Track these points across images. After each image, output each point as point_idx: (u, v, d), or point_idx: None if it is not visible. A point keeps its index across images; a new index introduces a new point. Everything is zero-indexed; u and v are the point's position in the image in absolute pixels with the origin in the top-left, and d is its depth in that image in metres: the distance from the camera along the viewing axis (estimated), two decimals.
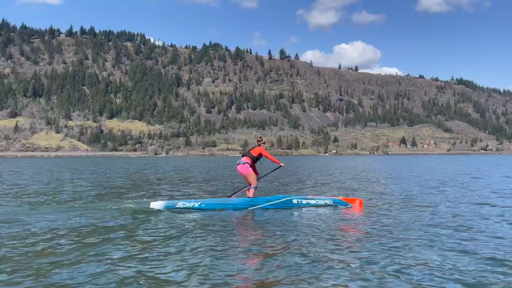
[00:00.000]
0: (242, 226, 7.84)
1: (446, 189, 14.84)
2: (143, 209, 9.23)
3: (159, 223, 7.78)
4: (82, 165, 47.17)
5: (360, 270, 4.85)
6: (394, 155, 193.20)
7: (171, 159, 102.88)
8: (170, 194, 13.29)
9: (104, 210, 9.18)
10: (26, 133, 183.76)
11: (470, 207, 10.06)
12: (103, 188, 15.34)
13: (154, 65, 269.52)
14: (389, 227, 7.48)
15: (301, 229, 7.20)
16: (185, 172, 29.13)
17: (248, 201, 9.63)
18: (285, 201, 9.75)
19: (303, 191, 13.88)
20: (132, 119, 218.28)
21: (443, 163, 49.46)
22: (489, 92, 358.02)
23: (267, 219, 8.33)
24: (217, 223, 7.83)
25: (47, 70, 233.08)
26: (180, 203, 9.43)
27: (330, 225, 7.62)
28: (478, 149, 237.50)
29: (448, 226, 7.51)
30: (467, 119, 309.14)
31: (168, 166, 43.05)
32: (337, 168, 32.46)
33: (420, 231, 7.09)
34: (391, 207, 10.11)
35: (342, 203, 9.90)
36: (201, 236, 6.54)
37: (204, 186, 16.25)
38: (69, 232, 6.89)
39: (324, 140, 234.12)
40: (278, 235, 6.71)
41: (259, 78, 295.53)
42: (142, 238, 6.47)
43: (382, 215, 8.82)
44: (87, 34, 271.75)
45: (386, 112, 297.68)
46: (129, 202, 10.68)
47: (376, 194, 13.23)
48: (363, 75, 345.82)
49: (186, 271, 4.78)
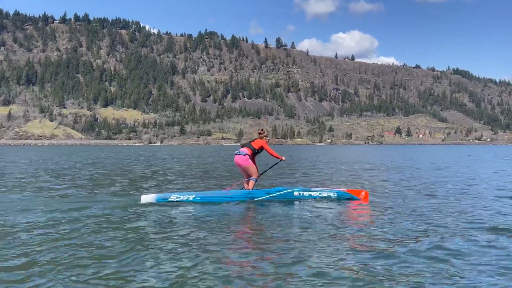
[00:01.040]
0: (240, 220, 7.37)
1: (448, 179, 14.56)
2: (134, 203, 8.67)
3: (150, 218, 7.24)
4: (74, 153, 46.89)
5: (368, 272, 4.45)
6: (388, 144, 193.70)
7: (165, 148, 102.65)
8: (163, 186, 12.44)
9: (91, 204, 8.52)
10: (19, 121, 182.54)
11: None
12: (91, 179, 14.47)
13: (149, 53, 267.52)
14: (399, 221, 7.01)
15: (303, 225, 6.71)
16: (181, 162, 28.84)
17: (246, 194, 9.13)
18: (286, 193, 9.21)
19: (304, 182, 13.22)
20: (127, 108, 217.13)
21: (432, 154, 49.53)
22: (485, 82, 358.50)
23: (267, 213, 7.83)
24: (213, 217, 7.31)
25: (41, 58, 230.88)
26: (173, 195, 8.86)
27: (333, 220, 7.09)
28: (472, 139, 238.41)
29: (479, 221, 7.00)
30: (463, 109, 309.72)
31: (160, 155, 42.83)
32: (331, 161, 32.31)
33: (434, 225, 6.67)
34: (397, 198, 9.71)
35: (346, 195, 9.34)
36: (195, 232, 6.13)
37: (199, 178, 15.41)
38: (48, 230, 6.28)
39: (319, 130, 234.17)
40: (277, 231, 6.31)
41: (255, 67, 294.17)
42: (132, 235, 6.00)
43: (389, 208, 8.33)
44: (81, 21, 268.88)
45: (381, 102, 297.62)
46: (118, 195, 10.08)
47: (380, 185, 12.68)
48: (359, 65, 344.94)
49: (178, 269, 4.46)
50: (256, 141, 9.36)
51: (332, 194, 9.33)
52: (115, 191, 10.97)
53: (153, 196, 8.84)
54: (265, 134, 9.56)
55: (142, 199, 8.73)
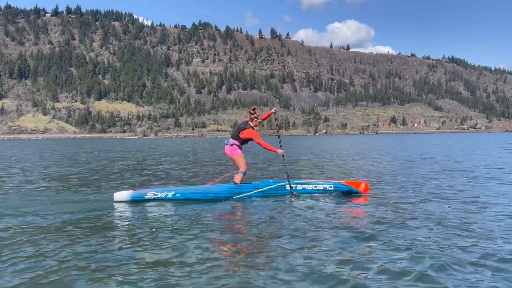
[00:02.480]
0: (224, 220, 6.40)
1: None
2: (105, 202, 7.74)
3: (123, 219, 6.39)
4: (61, 147, 46.54)
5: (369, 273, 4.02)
6: (383, 134, 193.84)
7: (159, 140, 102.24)
8: (140, 181, 11.14)
9: (58, 204, 7.56)
10: (12, 115, 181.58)
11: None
12: (60, 176, 12.83)
13: (142, 45, 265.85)
14: (403, 216, 6.28)
15: (297, 222, 5.96)
16: (169, 154, 28.48)
17: (233, 189, 8.15)
18: (277, 187, 8.34)
19: (298, 175, 12.12)
20: (121, 100, 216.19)
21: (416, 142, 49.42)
22: (480, 70, 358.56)
23: (255, 210, 6.98)
24: (194, 217, 6.41)
25: (33, 51, 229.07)
26: (150, 192, 7.85)
27: (330, 216, 6.38)
28: (467, 128, 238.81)
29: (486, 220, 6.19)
30: (458, 98, 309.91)
31: (147, 147, 42.51)
32: (323, 151, 32.01)
33: (444, 220, 5.99)
34: (400, 190, 8.91)
35: (344, 188, 8.49)
36: (174, 235, 5.34)
37: (185, 171, 14.04)
38: (7, 235, 5.43)
39: (314, 120, 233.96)
40: (268, 230, 5.57)
41: (249, 58, 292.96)
42: (101, 239, 5.18)
43: (392, 201, 7.59)
44: (73, 13, 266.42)
45: (377, 91, 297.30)
46: (89, 192, 8.99)
47: (380, 176, 11.83)
48: (354, 54, 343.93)
49: (155, 279, 3.89)
50: (245, 131, 8.23)
51: (328, 187, 8.50)
52: (87, 188, 9.72)
53: (127, 193, 7.82)
54: (257, 114, 8.25)
55: (114, 197, 7.76)
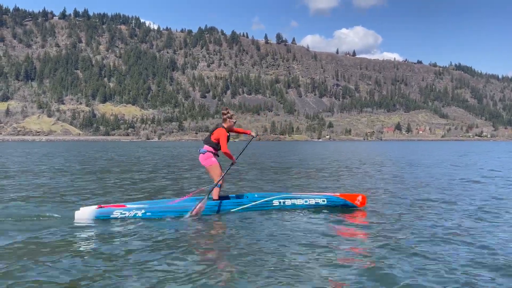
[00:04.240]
0: (201, 242, 5.38)
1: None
2: (64, 220, 6.53)
3: (84, 242, 5.34)
4: (56, 150, 46.51)
5: None
6: (387, 140, 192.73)
7: (157, 143, 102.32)
8: (111, 195, 9.43)
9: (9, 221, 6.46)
10: (17, 116, 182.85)
11: None
12: (19, 187, 10.77)
13: (148, 49, 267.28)
14: (405, 235, 5.65)
15: (286, 245, 5.13)
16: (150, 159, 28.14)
17: (211, 205, 7.15)
18: (262, 202, 7.41)
19: (289, 187, 10.80)
20: (126, 104, 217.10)
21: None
22: (487, 78, 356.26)
23: (237, 231, 5.94)
24: (168, 239, 5.41)
25: (40, 53, 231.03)
26: (117, 211, 6.78)
27: (321, 235, 5.61)
28: (472, 136, 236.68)
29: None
30: (464, 105, 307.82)
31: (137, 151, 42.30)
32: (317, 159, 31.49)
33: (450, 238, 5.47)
34: (399, 204, 8.21)
35: (339, 202, 7.61)
36: (145, 261, 4.50)
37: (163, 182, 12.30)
38: None
39: (318, 126, 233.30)
40: (248, 253, 4.82)
41: (255, 63, 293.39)
42: (55, 270, 4.24)
43: (392, 216, 6.95)
44: (80, 16, 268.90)
45: (382, 98, 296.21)
46: (46, 208, 7.53)
47: (379, 187, 10.88)
48: (360, 60, 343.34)
49: None
50: (215, 131, 7.34)
51: (321, 201, 7.62)
52: (51, 202, 8.27)
53: (91, 211, 6.72)
54: (230, 114, 7.42)
55: (76, 215, 6.63)
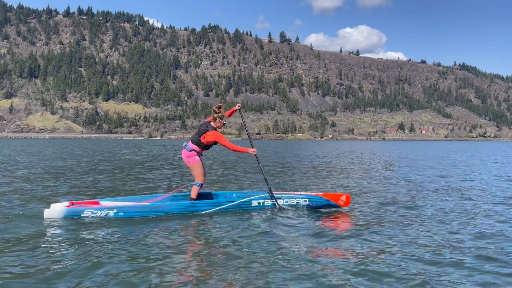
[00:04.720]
0: (176, 246, 4.93)
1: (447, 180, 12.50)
2: (32, 218, 6.25)
3: (52, 244, 4.95)
4: (52, 147, 46.64)
5: None
6: (390, 140, 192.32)
7: (162, 141, 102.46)
8: (84, 192, 9.11)
9: None
10: (21, 114, 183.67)
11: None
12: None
13: (152, 47, 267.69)
14: (390, 236, 5.42)
15: (265, 247, 4.87)
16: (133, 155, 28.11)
17: (187, 206, 6.85)
18: (240, 203, 7.07)
19: (272, 185, 9.66)
20: (129, 101, 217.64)
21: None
22: (491, 78, 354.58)
23: (214, 232, 5.60)
24: (140, 242, 5.03)
25: (44, 51, 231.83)
26: (88, 210, 6.50)
27: (303, 236, 5.38)
28: (476, 136, 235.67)
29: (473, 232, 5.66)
30: (468, 105, 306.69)
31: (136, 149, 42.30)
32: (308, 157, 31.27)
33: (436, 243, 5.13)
34: (384, 204, 7.92)
35: (321, 201, 7.30)
36: (116, 267, 4.13)
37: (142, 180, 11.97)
38: None
39: (321, 125, 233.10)
40: (229, 261, 4.37)
41: (258, 61, 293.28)
42: (21, 273, 3.96)
43: (377, 216, 6.67)
44: (84, 14, 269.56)
45: (385, 97, 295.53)
46: (15, 205, 7.25)
47: (365, 187, 10.54)
48: (364, 60, 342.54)
49: None
50: (207, 134, 7.09)
51: (302, 201, 7.31)
52: (21, 198, 8.01)
53: (60, 209, 6.47)
54: (221, 114, 7.09)
55: (45, 213, 6.37)
